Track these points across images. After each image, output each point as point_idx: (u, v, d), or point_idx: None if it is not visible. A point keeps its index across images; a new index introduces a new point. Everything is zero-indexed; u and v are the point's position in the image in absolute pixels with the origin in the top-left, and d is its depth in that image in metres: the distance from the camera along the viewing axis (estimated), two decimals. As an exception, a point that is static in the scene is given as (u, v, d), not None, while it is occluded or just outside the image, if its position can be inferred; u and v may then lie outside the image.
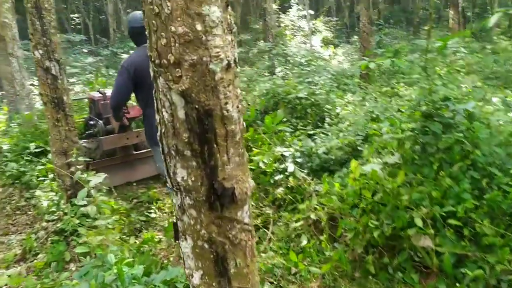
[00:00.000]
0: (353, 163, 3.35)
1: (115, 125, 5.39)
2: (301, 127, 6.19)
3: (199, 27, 1.06)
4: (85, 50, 21.85)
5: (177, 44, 1.07)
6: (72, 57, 19.41)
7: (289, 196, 4.13)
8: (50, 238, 4.45)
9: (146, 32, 1.14)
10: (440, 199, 3.24)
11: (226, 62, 1.11)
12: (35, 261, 4.20)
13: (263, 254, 3.86)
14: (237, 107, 1.17)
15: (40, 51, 4.21)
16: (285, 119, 5.63)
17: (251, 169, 4.63)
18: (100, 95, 5.69)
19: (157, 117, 1.21)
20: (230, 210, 1.22)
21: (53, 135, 4.45)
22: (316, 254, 3.46)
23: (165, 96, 1.13)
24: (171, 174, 1.21)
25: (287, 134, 5.49)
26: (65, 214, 4.41)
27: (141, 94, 3.99)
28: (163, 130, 1.19)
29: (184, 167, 1.17)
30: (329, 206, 3.56)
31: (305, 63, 8.73)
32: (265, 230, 4.11)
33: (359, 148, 4.32)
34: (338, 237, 3.44)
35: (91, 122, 5.73)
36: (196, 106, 1.11)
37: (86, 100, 6.72)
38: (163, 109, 1.16)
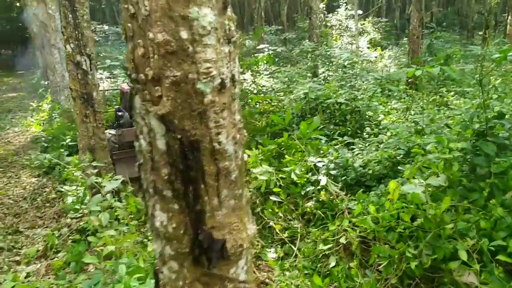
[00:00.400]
0: (392, 184, 3.01)
1: None
2: (339, 135, 5.86)
3: (184, 34, 0.81)
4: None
5: (156, 56, 0.82)
6: (118, 50, 19.68)
7: (319, 211, 3.83)
8: (72, 236, 4.37)
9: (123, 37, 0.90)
10: (489, 230, 2.86)
11: (219, 81, 0.86)
12: (56, 259, 4.11)
13: (287, 272, 3.60)
14: (234, 138, 0.91)
15: (72, 45, 4.11)
16: (321, 126, 5.32)
17: (282, 178, 4.37)
18: (129, 87, 5.61)
19: (135, 144, 0.97)
20: (220, 267, 0.96)
21: (81, 131, 4.35)
22: (344, 279, 3.15)
23: (143, 120, 0.89)
24: (149, 215, 0.97)
25: (323, 141, 5.18)
26: (89, 212, 4.30)
27: None
28: (141, 161, 0.95)
29: (164, 210, 0.92)
30: (362, 227, 3.23)
31: (348, 65, 8.32)
32: (291, 245, 3.84)
33: (400, 163, 3.95)
34: (370, 265, 3.11)
35: (119, 113, 5.85)
36: (179, 136, 0.86)
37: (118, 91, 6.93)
38: (141, 136, 0.92)
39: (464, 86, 8.11)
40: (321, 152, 4.70)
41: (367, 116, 6.15)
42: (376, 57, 15.36)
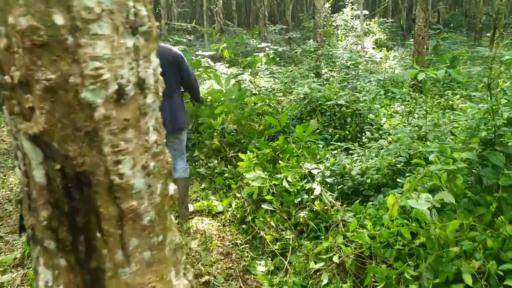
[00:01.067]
0: (390, 199, 2.74)
1: None
2: (338, 139, 5.59)
3: (59, 19, 0.55)
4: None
5: (20, 50, 0.56)
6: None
7: (312, 223, 3.56)
8: (51, 244, 4.13)
9: None
10: (496, 251, 2.59)
11: (116, 88, 0.59)
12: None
13: (276, 288, 3.35)
14: (145, 167, 0.65)
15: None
16: (319, 130, 5.05)
17: (275, 185, 4.11)
18: None
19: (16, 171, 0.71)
20: None
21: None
22: (337, 300, 2.89)
23: (16, 140, 0.63)
24: (33, 271, 0.71)
25: (321, 146, 4.92)
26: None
27: None
28: (21, 196, 0.69)
29: (48, 266, 0.66)
30: (358, 243, 2.97)
31: (351, 66, 8.05)
32: (282, 259, 3.58)
33: (400, 172, 3.69)
34: (365, 286, 2.84)
35: None
36: (61, 165, 0.60)
37: None
38: (16, 161, 0.66)
39: (471, 89, 7.82)
40: (318, 157, 4.44)
41: (368, 119, 5.88)
42: (381, 57, 15.07)
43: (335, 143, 4.97)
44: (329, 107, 5.90)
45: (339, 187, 3.74)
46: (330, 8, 21.16)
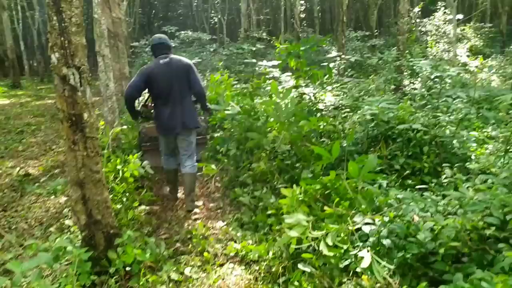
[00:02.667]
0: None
1: None
2: (411, 174, 4.48)
3: None
4: (211, 49, 21.86)
5: None
6: (197, 56, 19.44)
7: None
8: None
9: None
10: None
11: None
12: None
13: None
14: None
15: (57, 54, 3.28)
16: (382, 166, 4.00)
17: (316, 239, 3.17)
18: None
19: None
20: None
21: (68, 160, 3.52)
22: None
23: None
24: None
25: (383, 184, 3.87)
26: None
27: (152, 93, 5.08)
28: None
29: None
30: None
31: (436, 79, 6.77)
32: None
33: (491, 239, 2.58)
34: None
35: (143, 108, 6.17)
36: None
37: None
38: None
39: None
40: (377, 203, 3.41)
41: (452, 149, 4.70)
42: (476, 66, 13.24)
43: (406, 176, 3.89)
44: (402, 132, 4.80)
45: (400, 254, 2.71)
46: (419, 13, 19.43)
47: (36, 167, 7.63)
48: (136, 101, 5.21)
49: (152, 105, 5.39)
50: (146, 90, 5.02)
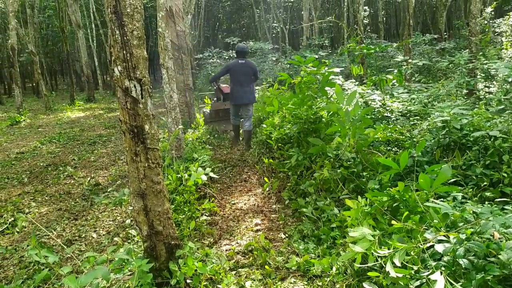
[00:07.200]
0: None
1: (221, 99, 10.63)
2: (490, 185, 4.10)
3: None
4: (274, 58, 21.90)
5: None
6: (259, 66, 19.55)
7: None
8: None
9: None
10: None
11: None
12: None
13: None
14: None
15: (119, 67, 3.34)
16: (457, 176, 3.68)
17: (383, 257, 2.95)
18: (224, 85, 10.56)
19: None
20: None
21: (130, 172, 3.57)
22: None
23: None
24: None
25: (459, 196, 3.56)
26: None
27: (231, 79, 8.61)
28: None
29: None
30: None
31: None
32: None
33: None
34: None
35: (215, 99, 10.96)
36: None
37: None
38: None
39: None
40: (451, 218, 3.12)
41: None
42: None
43: (483, 191, 3.55)
44: (477, 139, 4.43)
45: (479, 276, 2.43)
46: (492, 13, 18.27)
47: (105, 177, 7.94)
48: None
49: (224, 86, 10.30)
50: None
